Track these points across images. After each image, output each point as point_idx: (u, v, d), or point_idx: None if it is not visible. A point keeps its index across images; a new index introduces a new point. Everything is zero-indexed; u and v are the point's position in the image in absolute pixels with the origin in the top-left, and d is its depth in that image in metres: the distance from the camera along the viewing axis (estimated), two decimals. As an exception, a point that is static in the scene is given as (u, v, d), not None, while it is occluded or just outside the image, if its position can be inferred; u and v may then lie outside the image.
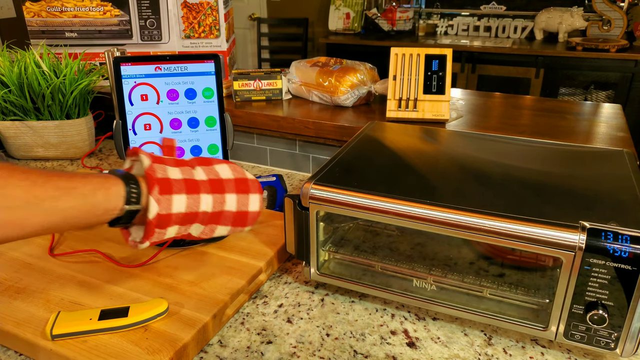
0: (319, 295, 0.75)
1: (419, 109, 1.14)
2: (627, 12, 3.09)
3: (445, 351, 0.65)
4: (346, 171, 0.74)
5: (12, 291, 0.70)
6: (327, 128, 1.17)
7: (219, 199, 0.58)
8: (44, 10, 1.41)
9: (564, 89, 3.08)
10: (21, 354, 0.64)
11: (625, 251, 0.54)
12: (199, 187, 0.56)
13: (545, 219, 0.58)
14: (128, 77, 0.79)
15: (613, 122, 1.18)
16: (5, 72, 1.18)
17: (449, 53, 1.13)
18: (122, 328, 0.62)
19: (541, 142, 0.87)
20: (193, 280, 0.73)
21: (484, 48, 3.16)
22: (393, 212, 0.65)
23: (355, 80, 1.26)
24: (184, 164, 0.58)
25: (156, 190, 0.52)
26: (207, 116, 0.83)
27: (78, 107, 1.25)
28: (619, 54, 2.84)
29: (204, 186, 0.57)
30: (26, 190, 0.45)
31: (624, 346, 0.58)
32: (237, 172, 0.61)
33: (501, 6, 3.46)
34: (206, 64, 0.82)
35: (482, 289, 0.68)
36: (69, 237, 0.84)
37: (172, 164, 0.57)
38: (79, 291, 0.70)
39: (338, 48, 3.56)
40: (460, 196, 0.66)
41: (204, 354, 0.64)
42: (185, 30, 1.41)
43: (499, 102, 1.42)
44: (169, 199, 0.53)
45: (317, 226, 0.71)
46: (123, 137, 0.80)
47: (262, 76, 1.33)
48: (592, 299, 0.58)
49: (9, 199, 0.45)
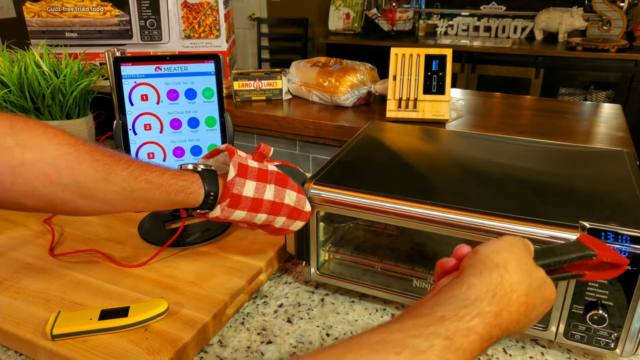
0: (319, 295, 0.75)
1: (419, 109, 1.14)
2: (627, 12, 3.09)
3: (445, 351, 0.64)
4: (346, 171, 0.74)
5: (12, 291, 0.70)
6: (327, 128, 1.17)
7: (271, 218, 0.66)
8: (44, 10, 1.41)
9: (564, 89, 3.08)
10: (21, 354, 0.64)
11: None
12: (261, 207, 0.64)
13: (545, 219, 0.58)
14: (128, 77, 0.79)
15: (613, 122, 1.18)
16: (5, 72, 1.18)
17: (449, 53, 1.13)
18: (122, 328, 0.62)
19: (541, 142, 0.87)
20: (193, 280, 0.73)
21: (484, 48, 3.16)
22: (393, 212, 0.65)
23: (355, 80, 1.26)
24: (264, 177, 0.65)
25: (226, 202, 0.62)
26: (207, 116, 0.83)
27: (78, 107, 1.25)
28: (618, 54, 2.84)
29: (266, 206, 0.65)
30: (124, 179, 0.56)
31: (623, 346, 0.58)
32: (300, 201, 0.67)
33: (501, 6, 3.46)
34: (206, 64, 0.82)
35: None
36: (69, 237, 0.84)
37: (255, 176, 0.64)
38: (79, 291, 0.70)
39: (338, 48, 3.56)
40: (460, 196, 0.66)
41: (204, 354, 0.64)
42: (185, 31, 1.41)
43: (499, 102, 1.42)
44: (232, 211, 0.63)
45: (317, 226, 0.71)
46: (123, 137, 0.80)
47: (262, 76, 1.33)
48: (592, 299, 0.58)
49: (110, 184, 0.55)
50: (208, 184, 0.62)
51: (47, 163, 0.52)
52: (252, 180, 0.63)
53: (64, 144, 0.53)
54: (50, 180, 0.52)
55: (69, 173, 0.52)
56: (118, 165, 0.56)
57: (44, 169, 0.52)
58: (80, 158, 0.53)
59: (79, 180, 0.53)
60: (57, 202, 0.54)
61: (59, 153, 0.53)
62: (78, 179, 0.53)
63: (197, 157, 0.84)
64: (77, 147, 0.54)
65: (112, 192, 0.55)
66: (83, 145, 0.55)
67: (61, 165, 0.52)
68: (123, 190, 0.56)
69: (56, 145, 0.53)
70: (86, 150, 0.54)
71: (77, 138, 0.55)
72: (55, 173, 0.52)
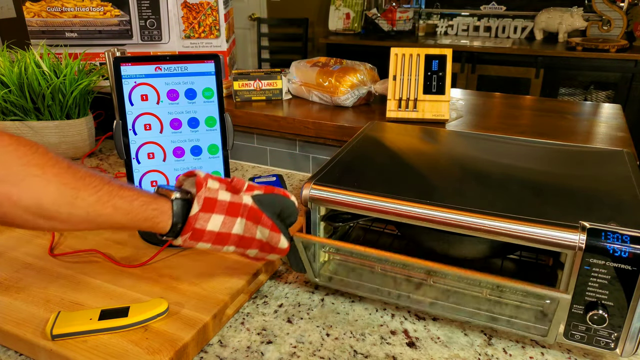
0: (319, 295, 0.75)
1: (419, 109, 1.14)
2: (627, 12, 3.09)
3: (445, 351, 0.65)
4: (346, 171, 0.74)
5: (12, 291, 0.70)
6: (327, 128, 1.17)
7: (241, 250, 0.65)
8: (44, 10, 1.41)
9: (564, 89, 3.08)
10: (21, 354, 0.64)
11: (625, 251, 0.54)
12: (228, 240, 0.63)
13: (545, 219, 0.58)
14: (128, 77, 0.79)
15: (613, 122, 1.18)
16: (6, 72, 1.18)
17: (449, 53, 1.13)
18: (122, 328, 0.62)
19: (541, 142, 0.87)
20: (193, 280, 0.73)
21: (484, 48, 3.16)
22: (393, 212, 0.65)
23: (355, 80, 1.26)
24: (234, 211, 0.63)
25: (187, 235, 0.61)
26: (207, 116, 0.83)
27: (78, 107, 1.25)
28: (618, 54, 2.84)
29: (234, 240, 0.64)
30: (90, 204, 0.55)
31: (623, 346, 0.58)
32: (273, 239, 0.65)
33: (501, 6, 3.46)
34: (206, 64, 0.82)
35: (482, 289, 0.68)
36: (69, 237, 0.84)
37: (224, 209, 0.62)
38: (79, 291, 0.70)
39: (338, 48, 3.56)
40: (460, 196, 0.66)
41: (204, 354, 0.64)
42: (185, 31, 1.41)
43: (499, 102, 1.42)
44: (194, 243, 0.62)
45: (317, 226, 0.71)
46: (123, 137, 0.80)
47: (262, 76, 1.33)
48: (592, 299, 0.58)
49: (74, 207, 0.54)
50: (177, 216, 0.61)
51: (11, 184, 0.51)
52: (220, 214, 0.61)
53: (33, 165, 0.52)
54: (11, 201, 0.51)
55: (32, 196, 0.51)
56: (86, 189, 0.55)
57: (6, 189, 0.50)
58: (47, 181, 0.52)
59: (42, 203, 0.52)
60: (17, 221, 0.53)
61: (25, 174, 0.51)
62: (41, 202, 0.52)
63: (197, 157, 0.84)
64: (45, 170, 0.52)
65: (76, 215, 0.54)
66: (52, 167, 0.53)
67: (24, 187, 0.51)
68: (87, 214, 0.55)
69: (24, 166, 0.51)
70: (55, 173, 0.53)
71: (49, 158, 0.54)
72: (17, 194, 0.51)
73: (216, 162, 0.85)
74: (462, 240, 0.66)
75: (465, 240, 0.66)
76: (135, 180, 0.82)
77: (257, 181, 1.08)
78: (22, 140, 0.52)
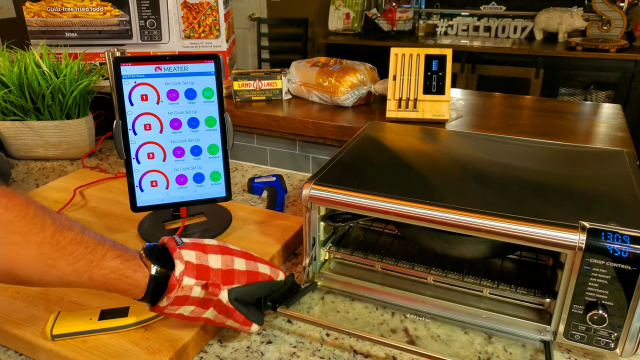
0: (319, 294, 0.75)
1: (419, 109, 1.14)
2: (627, 12, 3.09)
3: (445, 349, 0.64)
4: (346, 171, 0.74)
5: (12, 291, 0.70)
6: (327, 128, 1.17)
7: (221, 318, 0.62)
8: (44, 10, 1.41)
9: (564, 89, 3.08)
10: (21, 354, 0.64)
11: (625, 251, 0.54)
12: (208, 305, 0.61)
13: (545, 219, 0.58)
14: (128, 77, 0.79)
15: (613, 122, 1.18)
16: (5, 72, 1.18)
17: (449, 53, 1.13)
18: (122, 328, 0.62)
19: (541, 142, 0.87)
20: (193, 280, 0.73)
21: (484, 48, 3.16)
22: (393, 212, 0.65)
23: (355, 80, 1.26)
24: (205, 305, 0.61)
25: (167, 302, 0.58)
26: (207, 116, 0.83)
27: (78, 107, 1.25)
28: (618, 54, 2.84)
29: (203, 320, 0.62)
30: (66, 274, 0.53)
31: (623, 346, 0.58)
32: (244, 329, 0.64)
33: (501, 6, 3.46)
34: (206, 64, 0.82)
35: (482, 288, 0.68)
36: (69, 237, 0.84)
37: (195, 302, 0.60)
38: (79, 291, 0.70)
39: (338, 48, 3.56)
40: (460, 196, 0.66)
41: (204, 354, 0.64)
42: (185, 31, 1.41)
43: (499, 102, 1.42)
44: (175, 309, 0.59)
45: (317, 226, 0.71)
46: (123, 137, 0.80)
47: (262, 76, 1.33)
48: (592, 299, 0.58)
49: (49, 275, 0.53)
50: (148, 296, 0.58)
51: None
52: (191, 306, 0.60)
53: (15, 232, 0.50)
54: None
55: (5, 262, 0.50)
56: (65, 259, 0.53)
57: None
58: (26, 250, 0.51)
59: (15, 270, 0.51)
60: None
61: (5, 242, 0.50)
62: (14, 269, 0.51)
63: (197, 157, 0.84)
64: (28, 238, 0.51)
65: (48, 281, 0.53)
66: (35, 236, 0.51)
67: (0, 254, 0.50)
68: (60, 281, 0.54)
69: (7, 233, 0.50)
70: (36, 242, 0.51)
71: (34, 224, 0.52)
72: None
73: (216, 162, 0.85)
74: (462, 240, 0.66)
75: (465, 240, 0.66)
76: (135, 180, 0.82)
77: (257, 181, 1.08)
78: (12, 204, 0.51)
